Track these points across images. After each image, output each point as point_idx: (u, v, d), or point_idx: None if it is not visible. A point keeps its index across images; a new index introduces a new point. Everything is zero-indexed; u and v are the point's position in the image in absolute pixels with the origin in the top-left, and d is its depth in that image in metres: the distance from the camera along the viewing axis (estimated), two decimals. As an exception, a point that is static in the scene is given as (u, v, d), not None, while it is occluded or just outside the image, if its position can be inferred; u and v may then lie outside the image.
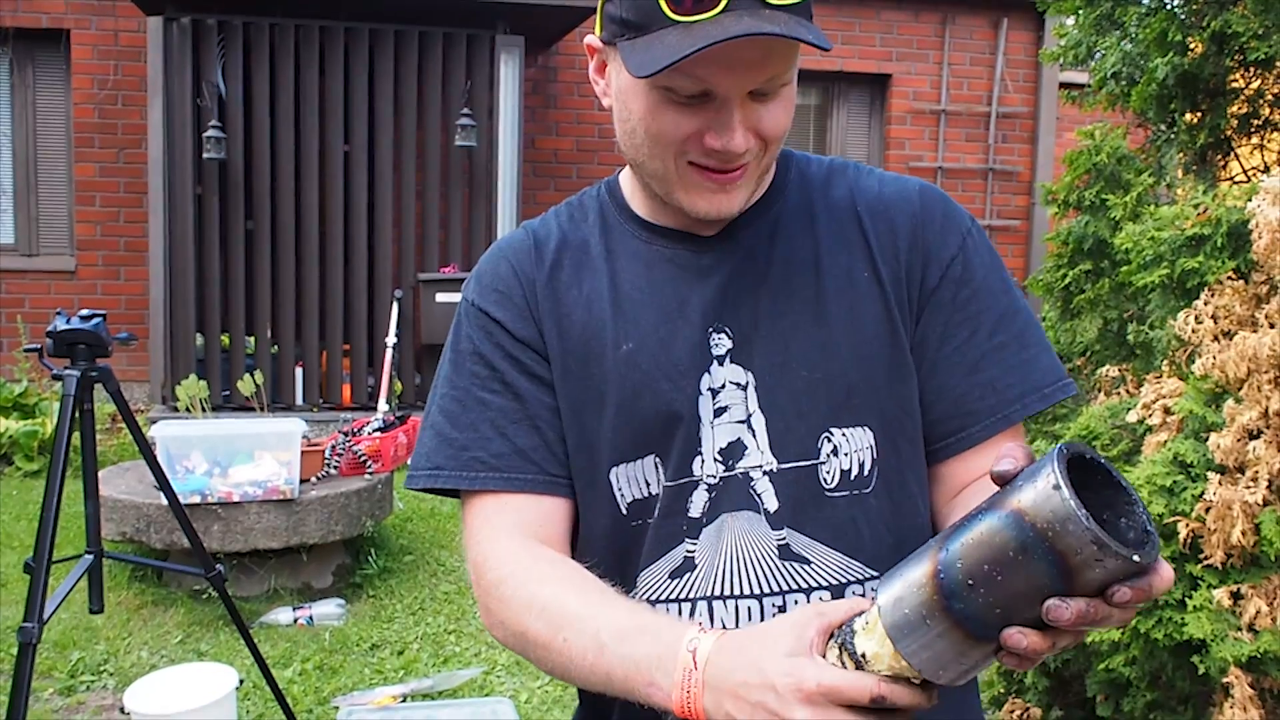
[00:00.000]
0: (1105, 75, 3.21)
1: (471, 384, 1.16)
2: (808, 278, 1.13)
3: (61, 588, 2.28)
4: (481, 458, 1.13)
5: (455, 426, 1.15)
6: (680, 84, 1.01)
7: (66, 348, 2.28)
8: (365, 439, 4.82)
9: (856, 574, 1.10)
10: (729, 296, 1.12)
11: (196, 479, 4.18)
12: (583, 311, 1.15)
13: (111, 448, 6.63)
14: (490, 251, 1.24)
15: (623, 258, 1.17)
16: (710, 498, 1.11)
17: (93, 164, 7.95)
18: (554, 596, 1.05)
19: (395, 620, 4.41)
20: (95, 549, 2.38)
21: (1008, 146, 8.95)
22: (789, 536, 1.10)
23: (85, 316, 2.30)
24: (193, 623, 4.27)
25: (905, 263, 1.14)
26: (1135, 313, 3.22)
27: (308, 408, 7.20)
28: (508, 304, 1.17)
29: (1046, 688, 3.44)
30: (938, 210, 1.17)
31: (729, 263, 1.13)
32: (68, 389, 2.26)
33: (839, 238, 1.15)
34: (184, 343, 7.13)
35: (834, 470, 1.10)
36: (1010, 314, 1.15)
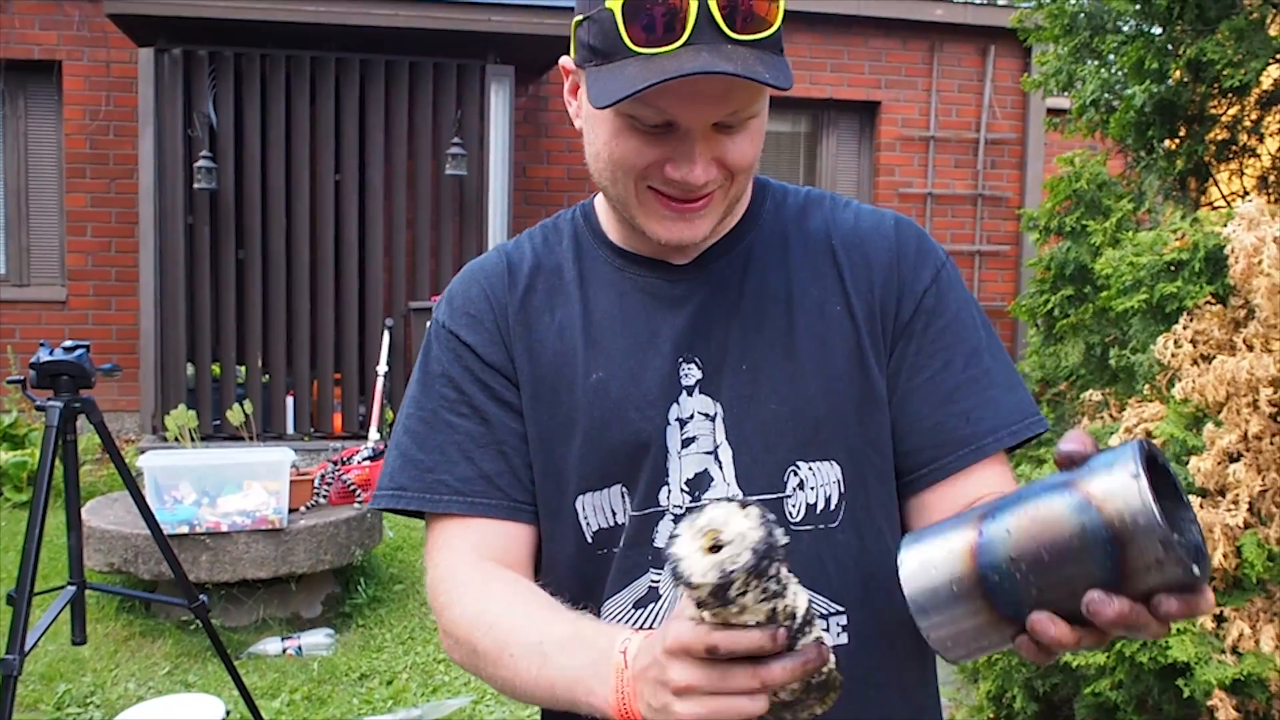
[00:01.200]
0: (1085, 103, 3.25)
1: (439, 406, 1.16)
2: (779, 310, 1.13)
3: (43, 620, 2.28)
4: (446, 481, 1.13)
5: (421, 448, 1.15)
6: (643, 114, 1.01)
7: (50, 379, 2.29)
8: (354, 468, 4.81)
9: (820, 607, 1.10)
10: (699, 326, 1.12)
11: (185, 509, 4.17)
12: (554, 339, 1.15)
13: (101, 478, 6.62)
14: (463, 273, 1.23)
15: (595, 285, 1.17)
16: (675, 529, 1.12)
17: (84, 194, 7.97)
18: (502, 613, 1.05)
19: (384, 650, 4.39)
20: (78, 580, 2.38)
21: (996, 172, 9.01)
22: None
23: (68, 348, 2.31)
24: (181, 654, 4.25)
25: (879, 296, 1.14)
26: (1117, 337, 3.24)
27: (299, 437, 7.19)
28: (479, 328, 1.17)
29: (1035, 713, 3.44)
30: (912, 244, 1.17)
31: (700, 292, 1.13)
32: (50, 420, 2.26)
33: (812, 270, 1.15)
34: (174, 372, 7.13)
35: (800, 504, 1.10)
36: (983, 349, 1.15)
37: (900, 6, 8.69)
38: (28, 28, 7.86)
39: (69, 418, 2.30)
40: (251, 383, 7.18)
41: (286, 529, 4.29)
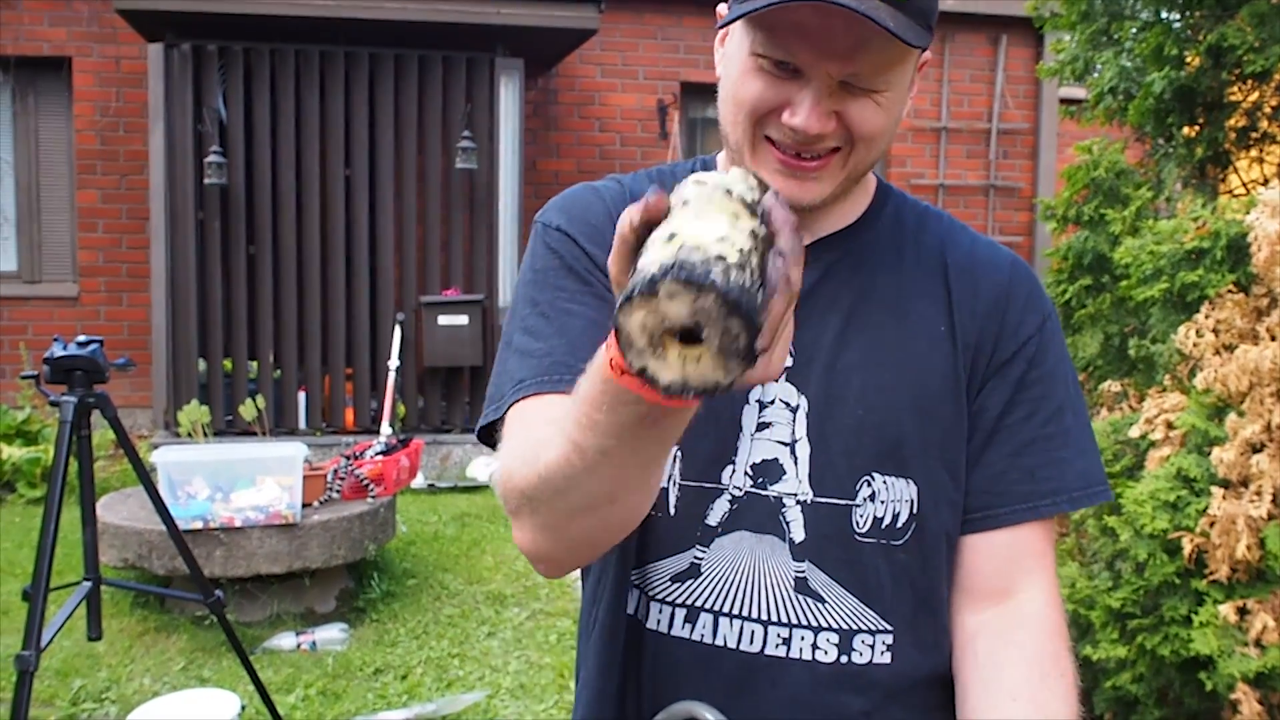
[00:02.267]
0: (1103, 90, 3.21)
1: (556, 296, 1.09)
2: (885, 316, 1.10)
3: (59, 615, 2.27)
4: (565, 362, 1.03)
5: (537, 338, 1.07)
6: (772, 51, 0.98)
7: (63, 374, 2.28)
8: (367, 462, 4.81)
9: (869, 623, 1.08)
10: (800, 313, 1.04)
11: (199, 504, 4.17)
12: None
13: (114, 474, 6.63)
14: (578, 187, 1.18)
15: None
16: (731, 510, 1.08)
17: (95, 190, 7.97)
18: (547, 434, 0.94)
19: (399, 644, 4.39)
20: (93, 576, 2.37)
21: (1009, 162, 8.96)
22: (809, 571, 1.08)
23: (82, 343, 2.30)
24: (195, 649, 4.25)
25: (981, 328, 1.12)
26: (1136, 327, 3.21)
27: (311, 432, 7.19)
28: (599, 240, 1.09)
29: (1054, 706, 3.42)
30: (1024, 287, 1.14)
31: (809, 279, 1.05)
32: (65, 415, 2.25)
33: (923, 284, 1.12)
34: (186, 368, 7.13)
35: (868, 515, 1.08)
36: (1068, 408, 1.13)
37: (911, -4, 8.63)
38: (37, 24, 7.87)
39: (83, 413, 2.29)
40: (263, 378, 7.18)
41: (300, 524, 4.29)
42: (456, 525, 5.99)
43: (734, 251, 0.67)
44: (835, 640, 1.08)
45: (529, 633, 4.54)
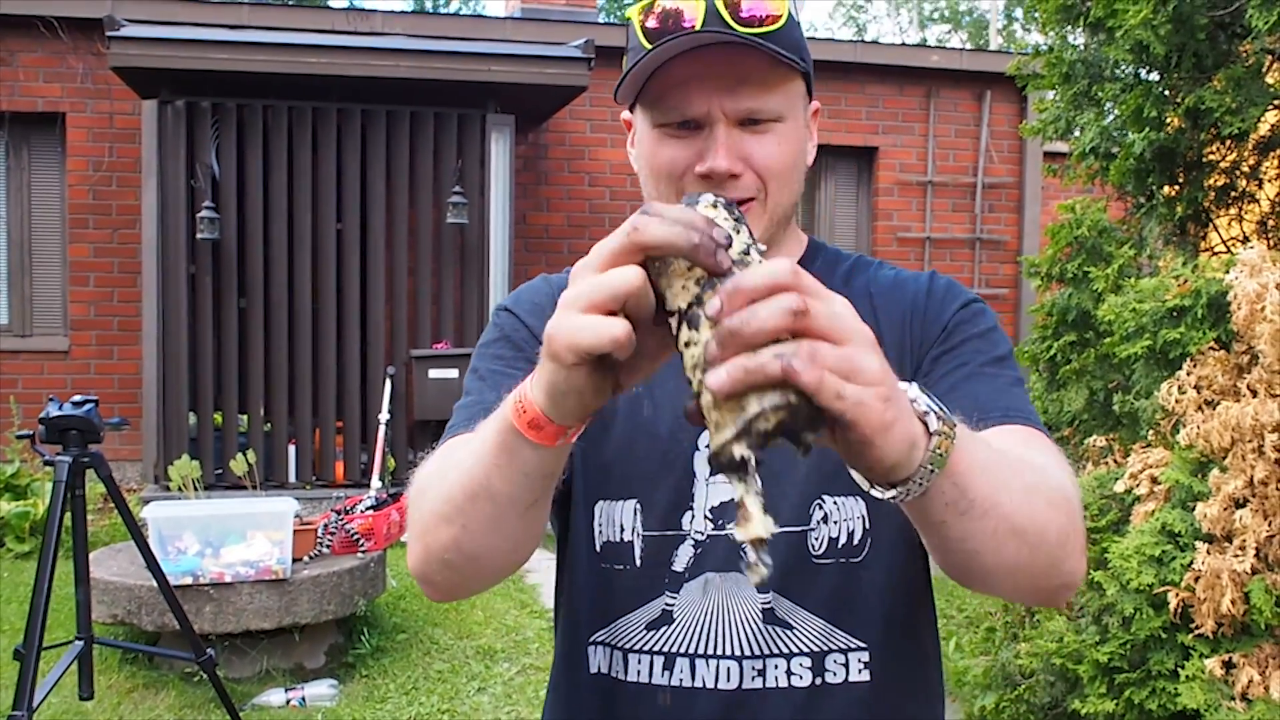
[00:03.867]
0: (1084, 150, 3.28)
1: (493, 366, 1.17)
2: None
3: (51, 675, 2.27)
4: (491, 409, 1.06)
5: (473, 395, 1.16)
6: (666, 116, 1.08)
7: (58, 434, 2.29)
8: (358, 517, 4.80)
9: (840, 642, 1.11)
10: None
11: (189, 559, 4.16)
12: None
13: (104, 528, 6.60)
14: (533, 280, 1.28)
15: None
16: (695, 554, 1.13)
17: (87, 244, 8.01)
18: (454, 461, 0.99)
19: (388, 700, 4.37)
20: (86, 635, 2.37)
21: (994, 216, 9.07)
22: (774, 601, 1.11)
23: (77, 403, 2.32)
24: (184, 705, 4.22)
25: (908, 332, 1.16)
26: (1120, 383, 3.25)
27: (301, 485, 7.17)
28: (540, 315, 1.17)
29: (1043, 760, 3.42)
30: (942, 285, 1.20)
31: None
32: (59, 475, 2.26)
33: None
34: (177, 422, 7.12)
35: (823, 537, 1.12)
36: (1010, 366, 1.16)
37: (897, 53, 8.79)
38: (32, 80, 7.94)
39: (77, 472, 2.31)
40: (254, 432, 7.17)
41: (290, 579, 4.28)
42: (446, 579, 5.96)
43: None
44: (808, 664, 1.11)
45: (519, 688, 4.52)
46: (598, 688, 1.16)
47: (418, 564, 1.02)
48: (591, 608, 1.17)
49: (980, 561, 0.91)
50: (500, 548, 0.97)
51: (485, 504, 0.92)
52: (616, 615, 1.15)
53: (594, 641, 1.17)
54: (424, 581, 1.04)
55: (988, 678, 3.62)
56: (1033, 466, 0.95)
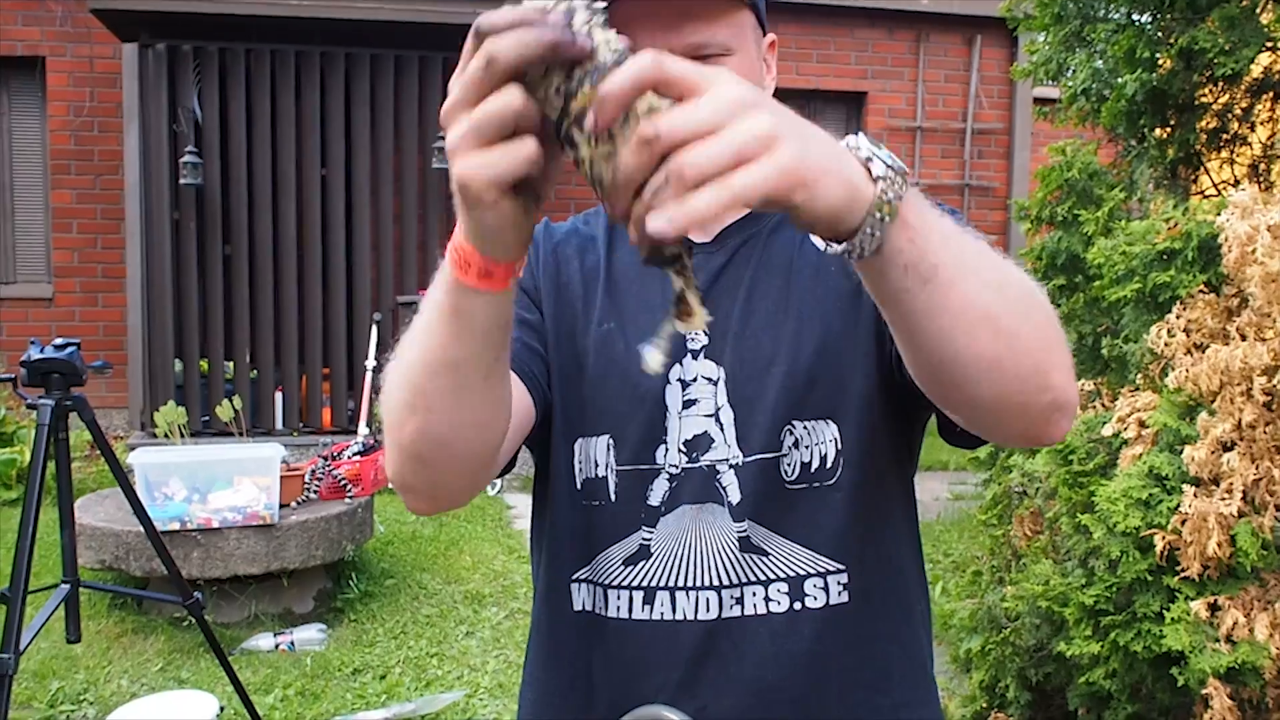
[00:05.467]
0: (1075, 92, 3.24)
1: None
2: (782, 278, 1.15)
3: (38, 618, 2.26)
4: None
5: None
6: None
7: (41, 377, 2.27)
8: (345, 463, 4.80)
9: (819, 566, 1.11)
10: (711, 295, 1.15)
11: (176, 505, 4.15)
12: (579, 284, 1.20)
13: (91, 475, 6.58)
14: None
15: (621, 251, 1.22)
16: (671, 487, 1.13)
17: (69, 190, 7.92)
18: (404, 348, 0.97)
19: (377, 644, 4.39)
20: (72, 579, 2.37)
21: (983, 162, 9.02)
22: (750, 529, 1.11)
23: (59, 345, 2.29)
24: (173, 650, 4.24)
25: None
26: (1109, 327, 3.24)
27: (288, 432, 7.17)
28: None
29: (1029, 701, 3.45)
30: None
31: (715, 264, 1.17)
32: (42, 418, 2.24)
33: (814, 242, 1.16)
34: (162, 368, 7.09)
35: (794, 463, 1.11)
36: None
37: (886, -4, 8.68)
38: (10, 24, 7.80)
39: (61, 416, 2.29)
40: (240, 379, 7.15)
41: (278, 524, 4.28)
42: (434, 525, 5.99)
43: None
44: (785, 589, 1.11)
45: (507, 632, 4.55)
46: (580, 625, 1.17)
47: (394, 469, 0.98)
48: (572, 545, 1.17)
49: (953, 348, 0.81)
50: (467, 424, 0.93)
51: (446, 376, 0.89)
52: (596, 552, 1.15)
53: (576, 579, 1.17)
54: (403, 489, 1.00)
55: (974, 620, 3.65)
56: (999, 261, 0.84)
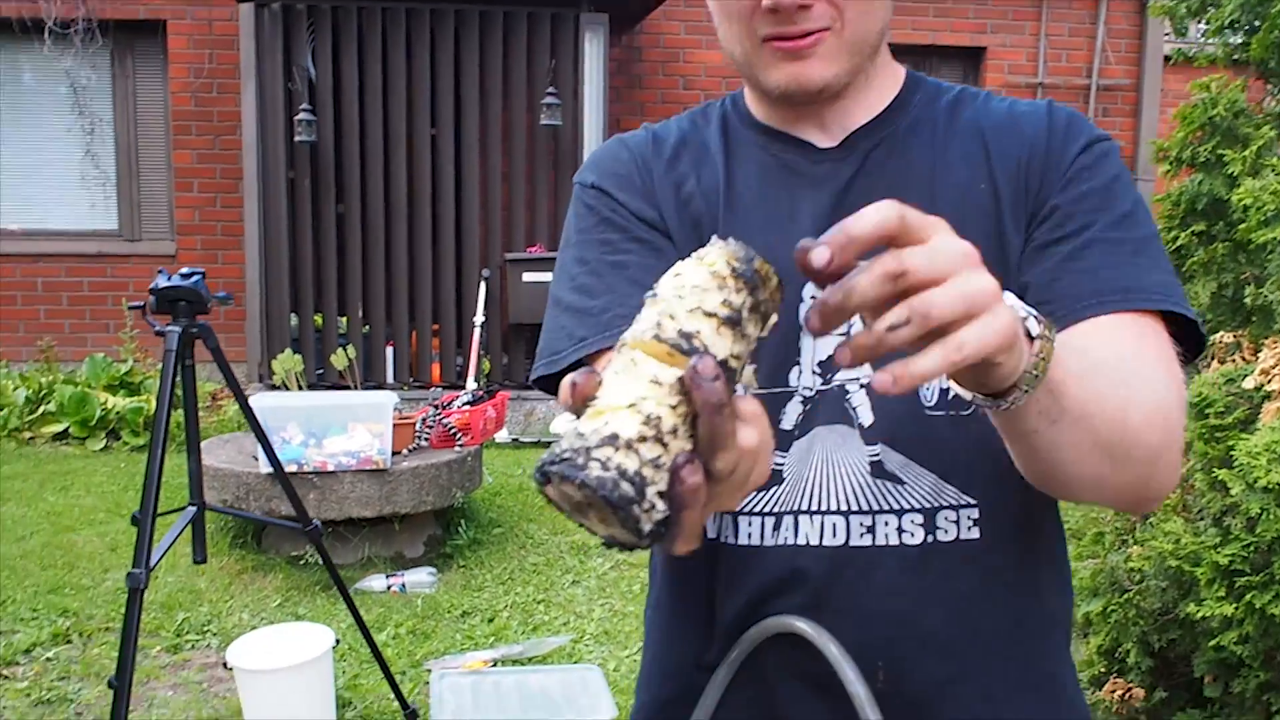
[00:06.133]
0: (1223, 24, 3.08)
1: (602, 254, 1.11)
2: (921, 191, 1.07)
3: (166, 538, 2.32)
4: (623, 313, 1.03)
5: (592, 296, 1.09)
6: None
7: (168, 304, 2.31)
8: (455, 412, 4.84)
9: (950, 499, 1.04)
10: (841, 208, 1.06)
11: (293, 449, 4.24)
12: (699, 201, 1.12)
13: (212, 424, 6.78)
14: (607, 142, 1.21)
15: (739, 158, 1.13)
16: (804, 410, 1.06)
17: (190, 151, 8.12)
18: None
19: (485, 589, 4.43)
20: (198, 502, 2.42)
21: (1109, 120, 8.70)
22: (883, 454, 1.05)
23: (185, 274, 2.33)
24: (290, 587, 4.34)
25: (1025, 174, 1.06)
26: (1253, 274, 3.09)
27: (398, 386, 7.28)
28: (629, 187, 1.13)
29: (1150, 668, 3.33)
30: (1063, 120, 1.09)
31: (845, 173, 1.09)
32: (169, 344, 2.29)
33: (960, 154, 1.09)
34: (279, 324, 7.25)
35: (933, 388, 1.05)
36: (1138, 220, 1.04)
37: (1007, -52, 8.41)
38: (134, -13, 8.01)
39: (187, 342, 2.33)
40: (352, 334, 7.28)
41: (390, 470, 4.34)
42: (541, 479, 6.01)
43: (637, 424, 0.63)
44: (920, 520, 1.04)
45: (613, 582, 4.55)
46: (707, 551, 1.10)
47: None
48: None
49: (1064, 471, 0.90)
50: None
51: None
52: None
53: None
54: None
55: (1094, 582, 3.53)
56: (1130, 380, 0.90)
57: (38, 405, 7.01)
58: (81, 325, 8.10)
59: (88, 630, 3.97)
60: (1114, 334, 0.97)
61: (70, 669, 3.66)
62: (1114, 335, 0.97)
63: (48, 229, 8.17)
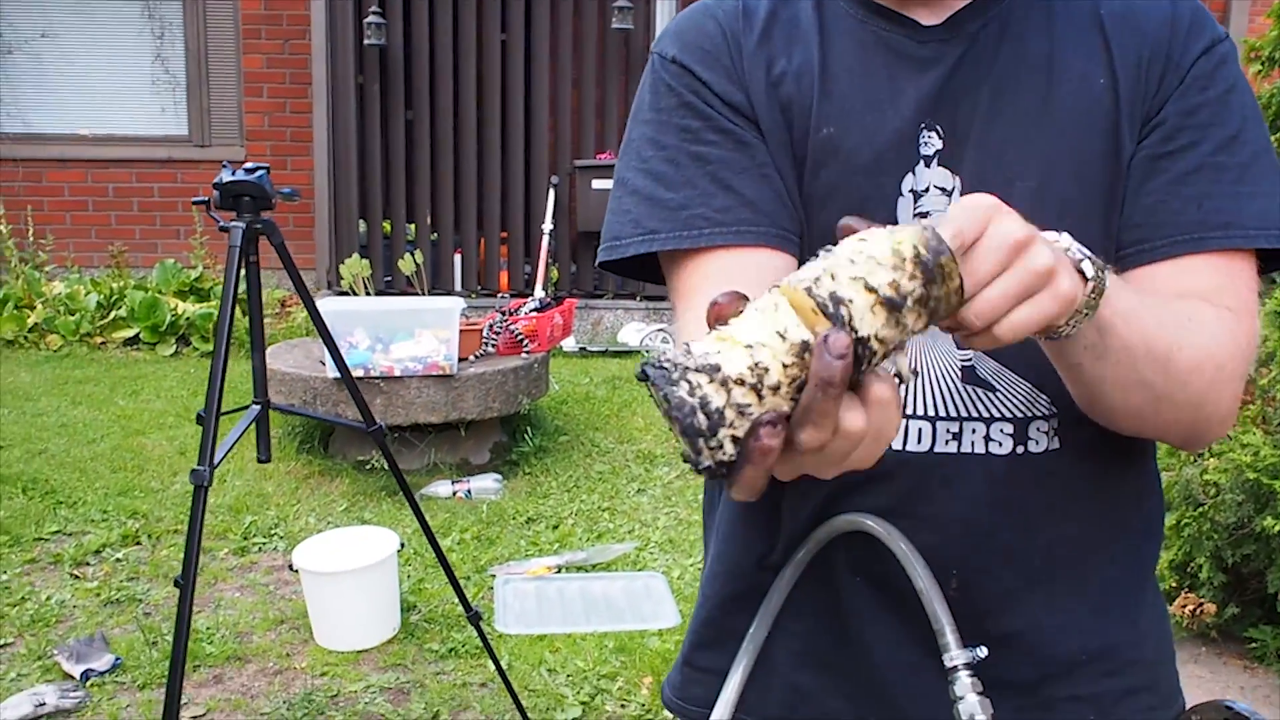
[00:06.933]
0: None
1: (682, 140, 1.02)
2: (1038, 78, 0.99)
3: (230, 435, 2.35)
4: (704, 214, 0.99)
5: (668, 187, 1.01)
6: None
7: (232, 200, 2.31)
8: (522, 319, 4.85)
9: (1042, 409, 1.00)
10: (947, 92, 1.00)
11: (359, 354, 4.27)
12: (791, 83, 1.02)
13: (281, 329, 6.88)
14: (693, 8, 1.10)
15: (835, 35, 1.04)
16: None
17: (260, 55, 8.11)
18: None
19: (550, 496, 4.47)
20: (262, 399, 2.44)
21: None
22: (975, 359, 1.00)
23: (250, 169, 2.32)
24: (356, 493, 4.41)
25: (1145, 71, 0.99)
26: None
27: (466, 294, 7.30)
28: (715, 65, 1.03)
29: (1223, 583, 3.27)
30: (1187, 14, 1.01)
31: (950, 55, 1.01)
32: (234, 240, 2.28)
33: (1077, 41, 1.01)
34: (348, 230, 7.29)
35: None
36: (1245, 141, 0.98)
37: None
38: (203, -113, 7.95)
39: (251, 238, 2.32)
40: (421, 240, 7.30)
41: (456, 376, 4.36)
42: (607, 387, 6.03)
43: (743, 366, 0.62)
44: (1010, 430, 1.00)
45: (678, 491, 4.56)
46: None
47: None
48: None
49: (1105, 403, 0.92)
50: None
51: None
52: None
53: None
54: None
55: (1169, 495, 3.45)
56: (1186, 324, 0.90)
57: (109, 310, 7.13)
58: (152, 231, 8.21)
59: (156, 532, 4.07)
60: (1199, 277, 0.96)
61: (139, 570, 3.77)
62: (1198, 279, 0.96)
63: (118, 134, 8.25)
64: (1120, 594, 1.07)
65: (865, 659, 1.05)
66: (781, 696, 1.09)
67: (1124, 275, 0.98)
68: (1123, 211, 0.99)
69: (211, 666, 3.13)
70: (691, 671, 1.15)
